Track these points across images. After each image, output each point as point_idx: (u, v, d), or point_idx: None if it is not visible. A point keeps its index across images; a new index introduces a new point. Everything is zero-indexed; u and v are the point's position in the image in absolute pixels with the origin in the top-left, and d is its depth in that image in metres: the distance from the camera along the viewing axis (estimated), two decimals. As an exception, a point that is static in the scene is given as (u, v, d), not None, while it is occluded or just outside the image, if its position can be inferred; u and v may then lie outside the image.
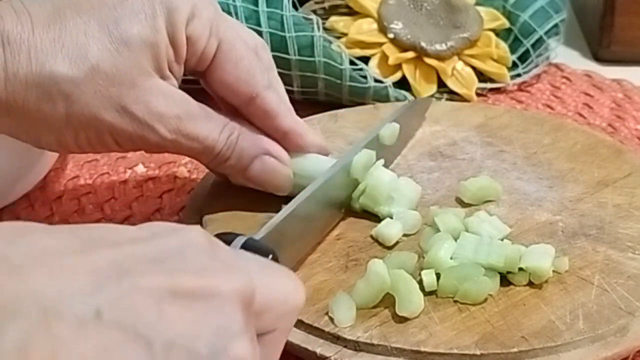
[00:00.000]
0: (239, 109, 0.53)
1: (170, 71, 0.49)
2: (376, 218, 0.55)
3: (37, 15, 0.45)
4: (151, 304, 0.30)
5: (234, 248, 0.41)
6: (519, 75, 0.76)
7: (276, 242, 0.45)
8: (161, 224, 0.34)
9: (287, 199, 0.51)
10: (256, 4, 0.69)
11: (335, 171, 0.53)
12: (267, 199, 0.54)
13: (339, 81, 0.69)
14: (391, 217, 0.54)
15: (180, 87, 0.50)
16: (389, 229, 0.53)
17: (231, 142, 0.51)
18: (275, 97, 0.53)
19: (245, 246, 0.42)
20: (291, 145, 0.54)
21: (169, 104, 0.48)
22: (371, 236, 0.54)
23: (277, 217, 0.48)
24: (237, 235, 0.42)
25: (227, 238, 0.41)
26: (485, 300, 0.49)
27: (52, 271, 0.29)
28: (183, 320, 0.30)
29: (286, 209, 0.49)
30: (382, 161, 0.55)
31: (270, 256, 0.43)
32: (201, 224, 0.54)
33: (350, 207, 0.55)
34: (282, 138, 0.54)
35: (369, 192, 0.55)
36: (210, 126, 0.50)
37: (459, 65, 0.74)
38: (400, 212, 0.54)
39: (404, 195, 0.55)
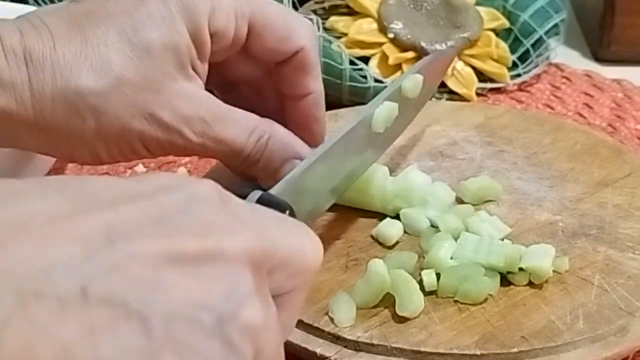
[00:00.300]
0: (278, 65, 0.52)
1: (195, 71, 0.48)
2: (375, 218, 0.55)
3: (56, 29, 0.45)
4: (147, 272, 0.28)
5: (248, 202, 0.38)
6: (519, 75, 0.76)
7: (293, 197, 0.43)
8: (168, 174, 0.32)
9: None
10: (256, 3, 0.69)
11: (356, 123, 0.51)
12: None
13: (339, 81, 0.69)
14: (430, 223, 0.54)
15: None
16: (389, 229, 0.53)
17: (261, 145, 0.50)
18: (316, 55, 0.52)
19: (261, 201, 0.39)
20: (306, 110, 0.52)
21: (194, 107, 0.48)
22: (371, 236, 0.54)
23: (295, 171, 0.46)
24: (253, 189, 0.40)
25: (241, 192, 0.38)
26: (486, 300, 0.49)
27: (36, 243, 0.26)
28: (184, 288, 0.28)
29: (304, 163, 0.47)
30: (416, 164, 0.55)
31: (287, 212, 0.40)
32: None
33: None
34: (304, 97, 0.52)
35: (402, 194, 0.54)
36: (238, 129, 0.49)
37: (459, 65, 0.74)
38: (439, 215, 0.54)
39: (438, 198, 0.55)
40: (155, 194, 0.30)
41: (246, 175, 0.53)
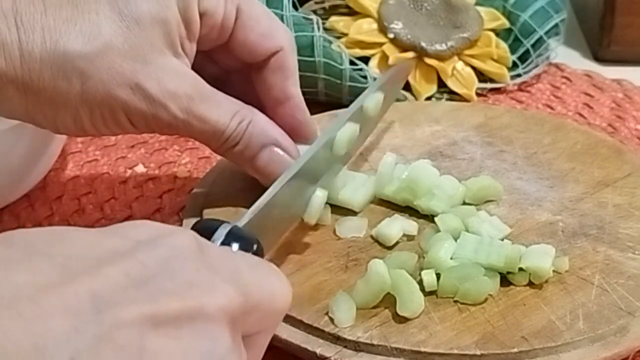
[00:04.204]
0: (254, 67, 0.53)
1: (183, 49, 0.49)
2: (374, 218, 0.55)
3: None
4: (133, 341, 0.29)
5: (218, 238, 0.40)
6: (519, 75, 0.76)
7: (259, 227, 0.44)
8: (146, 226, 0.33)
9: None
10: (256, 4, 0.69)
11: (319, 147, 0.52)
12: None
13: (339, 81, 0.69)
14: (432, 214, 0.54)
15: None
16: (389, 229, 0.53)
17: (241, 128, 0.51)
18: (295, 60, 0.53)
19: (230, 234, 0.40)
20: (288, 115, 0.53)
21: (181, 83, 0.48)
22: (371, 236, 0.54)
23: (260, 202, 0.47)
24: (221, 222, 0.41)
25: (211, 225, 0.40)
26: (486, 300, 0.49)
27: (27, 318, 0.27)
28: (168, 352, 0.29)
29: (269, 193, 0.47)
30: (427, 161, 0.56)
31: (255, 246, 0.42)
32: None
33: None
34: (284, 102, 0.53)
35: (409, 186, 0.55)
36: (221, 110, 0.50)
37: (459, 65, 0.74)
38: (443, 214, 0.54)
39: (445, 192, 0.55)
40: (136, 251, 0.31)
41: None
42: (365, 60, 0.72)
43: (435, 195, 0.55)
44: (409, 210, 0.56)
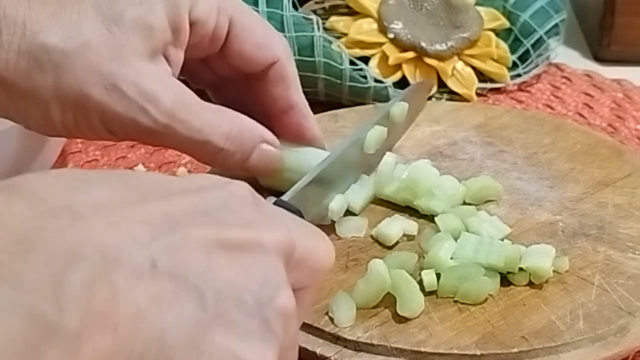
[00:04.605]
0: (254, 76, 0.53)
1: (167, 57, 0.49)
2: (374, 218, 0.55)
3: None
4: (202, 254, 0.31)
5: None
6: (519, 75, 0.76)
7: (300, 205, 0.47)
8: (207, 176, 0.35)
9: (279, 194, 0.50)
10: (256, 3, 0.69)
11: (350, 144, 0.54)
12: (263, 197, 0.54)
13: (339, 81, 0.69)
14: (432, 214, 0.54)
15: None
16: (389, 229, 0.53)
17: (235, 137, 0.50)
18: (294, 67, 0.54)
19: (276, 205, 0.42)
20: (294, 124, 0.54)
21: (160, 87, 0.47)
22: (371, 236, 0.54)
23: (302, 182, 0.49)
24: (267, 195, 0.42)
25: None
26: (486, 300, 0.49)
27: (111, 222, 0.30)
28: (231, 271, 0.31)
29: (309, 175, 0.50)
30: (427, 161, 0.57)
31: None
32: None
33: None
34: (288, 110, 0.54)
35: (409, 186, 0.55)
36: (208, 115, 0.49)
37: (459, 65, 0.74)
38: (443, 214, 0.54)
39: (445, 192, 0.55)
40: (199, 190, 0.33)
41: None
42: (365, 60, 0.72)
43: (435, 196, 0.55)
44: (409, 210, 0.56)
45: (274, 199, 0.42)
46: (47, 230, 0.29)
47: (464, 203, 0.56)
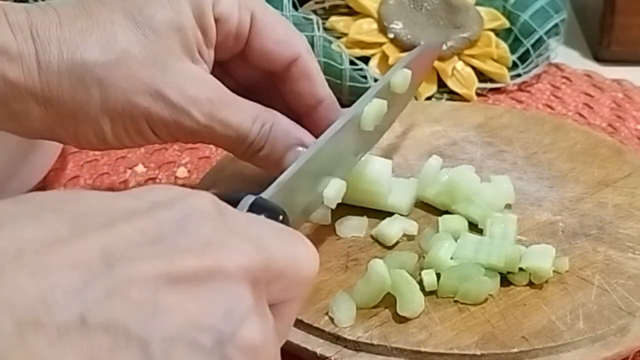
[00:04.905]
0: (277, 75, 0.52)
1: (201, 55, 0.49)
2: (376, 217, 0.55)
3: (63, 10, 0.46)
4: (146, 296, 0.27)
5: (241, 209, 0.38)
6: (519, 75, 0.76)
7: (285, 199, 0.43)
8: (164, 189, 0.32)
9: None
10: (256, 3, 0.69)
11: (345, 123, 0.50)
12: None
13: (339, 81, 0.69)
14: (471, 221, 0.54)
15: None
16: (389, 229, 0.53)
17: (264, 132, 0.50)
18: (316, 63, 0.53)
19: (254, 205, 0.39)
20: (324, 119, 0.53)
21: (201, 88, 0.48)
22: (371, 236, 0.54)
23: (286, 174, 0.45)
24: (245, 194, 0.39)
25: (234, 197, 0.38)
26: (486, 300, 0.49)
27: (33, 271, 0.26)
28: (183, 310, 0.28)
29: (294, 166, 0.46)
30: (471, 167, 0.55)
31: (281, 217, 0.40)
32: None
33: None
34: (317, 106, 0.53)
35: (448, 190, 0.55)
36: (243, 114, 0.49)
37: (459, 65, 0.74)
38: (493, 218, 0.53)
39: (484, 199, 0.54)
40: (151, 210, 0.30)
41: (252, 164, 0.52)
42: (365, 60, 0.73)
43: (474, 202, 0.54)
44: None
45: (252, 198, 0.39)
46: None
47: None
